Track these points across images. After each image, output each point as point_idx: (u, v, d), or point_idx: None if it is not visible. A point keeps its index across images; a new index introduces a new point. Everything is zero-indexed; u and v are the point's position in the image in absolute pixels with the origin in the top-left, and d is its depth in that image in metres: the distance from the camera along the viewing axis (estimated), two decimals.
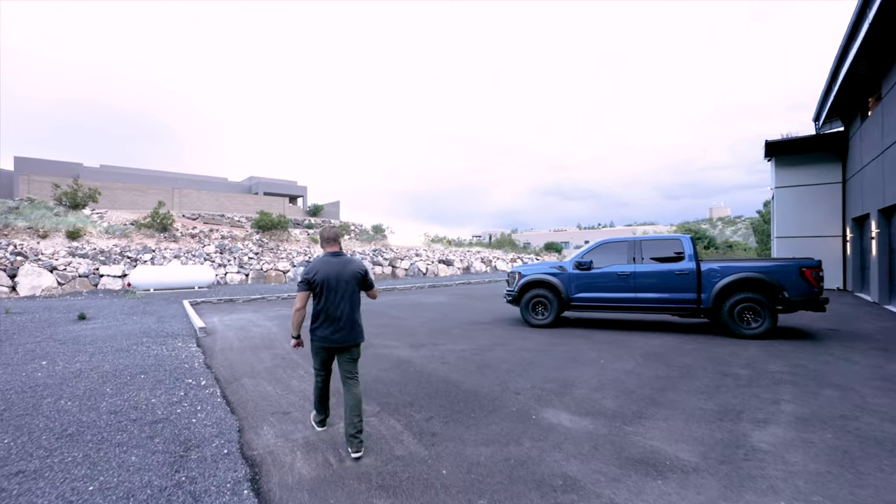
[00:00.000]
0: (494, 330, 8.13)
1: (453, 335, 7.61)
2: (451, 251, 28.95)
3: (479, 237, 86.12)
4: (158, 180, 34.03)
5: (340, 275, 3.27)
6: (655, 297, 7.38)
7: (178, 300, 13.33)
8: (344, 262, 3.34)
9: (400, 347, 6.63)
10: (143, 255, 16.47)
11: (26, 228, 15.30)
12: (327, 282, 3.22)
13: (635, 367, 5.29)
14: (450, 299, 13.80)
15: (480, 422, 3.63)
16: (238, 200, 33.19)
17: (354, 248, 24.25)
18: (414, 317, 10.00)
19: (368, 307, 11.83)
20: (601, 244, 8.26)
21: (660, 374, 5.00)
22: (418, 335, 7.64)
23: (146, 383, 4.70)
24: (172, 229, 19.42)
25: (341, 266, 3.30)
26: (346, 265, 3.33)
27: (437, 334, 7.72)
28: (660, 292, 7.33)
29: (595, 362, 5.57)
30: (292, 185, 41.57)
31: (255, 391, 4.59)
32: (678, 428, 3.43)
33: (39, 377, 4.89)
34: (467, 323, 8.99)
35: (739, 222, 56.05)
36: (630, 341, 6.81)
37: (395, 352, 6.33)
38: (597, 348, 6.37)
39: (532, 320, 8.31)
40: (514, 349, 6.41)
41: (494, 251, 33.14)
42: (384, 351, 6.38)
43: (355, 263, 3.41)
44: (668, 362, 5.53)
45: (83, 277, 14.42)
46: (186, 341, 7.13)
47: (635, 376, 4.91)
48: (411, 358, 5.94)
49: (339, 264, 3.31)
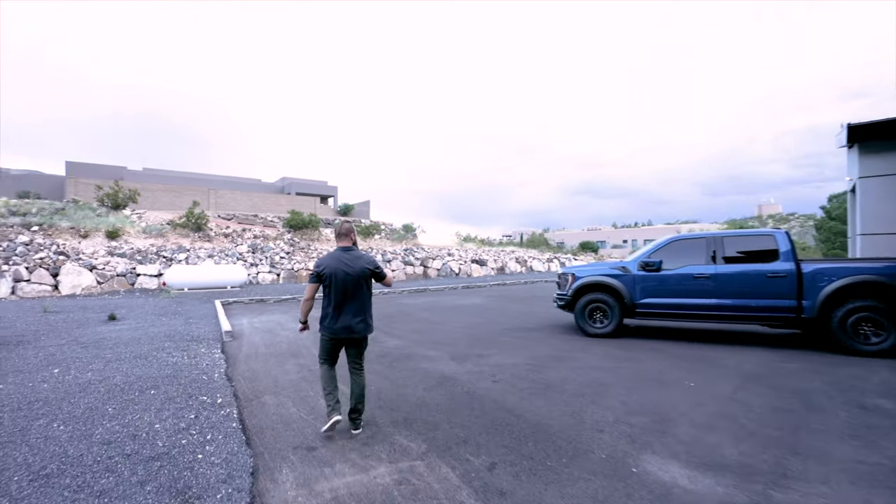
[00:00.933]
0: (545, 339, 7.19)
1: (500, 344, 6.73)
2: (484, 251, 28.00)
3: (510, 237, 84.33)
4: (195, 181, 34.72)
5: (349, 269, 3.32)
6: (742, 303, 6.24)
7: (210, 300, 13.07)
8: (354, 257, 3.39)
9: (441, 360, 5.81)
10: (178, 255, 16.41)
11: (69, 228, 15.50)
12: (335, 276, 3.29)
13: (737, 393, 4.25)
14: (486, 301, 12.91)
15: (562, 474, 2.73)
16: (271, 201, 33.39)
17: (385, 248, 23.70)
18: (451, 321, 9.17)
19: (400, 309, 11.12)
20: (671, 241, 7.16)
21: (774, 403, 3.95)
22: (459, 344, 6.80)
23: (154, 401, 4.06)
24: (206, 229, 19.41)
25: (351, 261, 3.36)
26: (355, 260, 3.38)
27: (480, 343, 6.86)
28: (748, 298, 6.19)
29: (682, 385, 4.56)
30: (323, 186, 41.67)
31: (277, 414, 3.87)
32: (851, 498, 2.43)
33: (44, 390, 4.35)
34: (512, 329, 8.08)
35: (793, 220, 52.20)
36: (715, 357, 5.72)
37: (436, 365, 5.51)
38: (677, 365, 5.33)
39: (589, 329, 7.31)
40: (577, 365, 5.46)
41: (529, 251, 31.90)
42: (424, 364, 5.57)
43: (365, 258, 3.45)
44: (776, 387, 4.45)
45: (121, 276, 14.41)
46: (211, 346, 6.58)
47: (744, 407, 3.88)
48: (456, 374, 5.10)
49: (349, 259, 3.36)
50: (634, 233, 67.60)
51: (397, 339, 7.20)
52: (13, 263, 12.82)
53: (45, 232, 14.94)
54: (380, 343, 6.89)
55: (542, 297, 13.86)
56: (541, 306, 11.56)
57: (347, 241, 3.49)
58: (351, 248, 3.46)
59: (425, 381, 4.85)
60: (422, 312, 10.55)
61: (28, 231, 14.60)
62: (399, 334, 7.70)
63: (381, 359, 5.86)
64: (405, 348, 6.54)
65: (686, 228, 47.71)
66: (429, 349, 6.45)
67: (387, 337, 7.41)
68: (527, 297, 14.22)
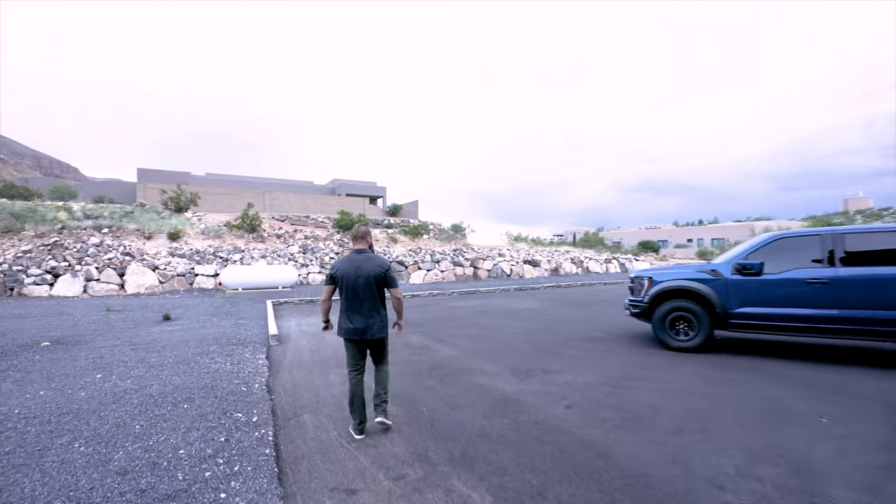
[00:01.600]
0: (618, 351, 6.30)
1: (566, 357, 5.94)
2: (536, 251, 26.89)
3: (561, 236, 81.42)
4: (252, 185, 36.12)
5: (360, 271, 3.35)
6: (871, 315, 5.07)
7: (262, 300, 13.13)
8: (365, 259, 3.41)
9: (500, 375, 5.12)
10: (233, 255, 16.79)
11: (135, 230, 16.29)
12: (346, 278, 3.35)
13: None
14: (543, 305, 12.03)
15: None
16: (322, 202, 34.05)
17: (434, 248, 23.27)
18: (507, 327, 8.44)
19: (450, 312, 10.51)
20: (775, 239, 6.02)
21: None
22: (520, 355, 6.08)
23: (185, 418, 3.68)
24: (260, 230, 19.84)
25: (362, 263, 3.38)
26: (366, 262, 3.39)
27: (543, 354, 6.10)
28: (884, 309, 5.01)
29: (813, 421, 3.60)
30: (372, 186, 42.10)
31: (316, 438, 3.36)
32: None
33: (79, 399, 4.12)
34: (577, 338, 7.23)
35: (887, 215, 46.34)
36: (840, 382, 4.62)
37: (495, 382, 4.83)
38: (795, 393, 4.32)
39: (670, 341, 6.33)
40: (665, 387, 4.58)
41: (585, 251, 30.34)
42: (481, 380, 4.91)
43: (377, 261, 3.45)
44: None
45: (180, 276, 14.88)
46: (256, 351, 6.29)
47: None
48: (520, 395, 4.40)
49: (361, 261, 3.39)
50: (700, 231, 62.96)
51: (450, 348, 6.59)
52: (85, 264, 13.53)
53: (114, 234, 15.78)
54: (431, 352, 6.32)
55: (603, 301, 12.78)
56: (604, 312, 10.56)
57: (362, 244, 3.52)
58: (365, 250, 3.49)
59: (484, 402, 4.19)
60: (474, 317, 9.90)
61: (99, 233, 15.48)
62: (452, 342, 7.09)
63: (433, 372, 5.26)
64: (459, 359, 5.91)
65: (760, 227, 43.65)
66: (486, 361, 5.78)
67: (439, 345, 6.83)
68: (586, 300, 13.18)
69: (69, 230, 15.06)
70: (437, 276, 19.94)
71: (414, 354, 6.25)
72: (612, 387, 4.61)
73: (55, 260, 13.26)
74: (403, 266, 19.23)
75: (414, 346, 6.76)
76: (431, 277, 19.72)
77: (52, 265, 13.00)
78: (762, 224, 48.11)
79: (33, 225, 14.61)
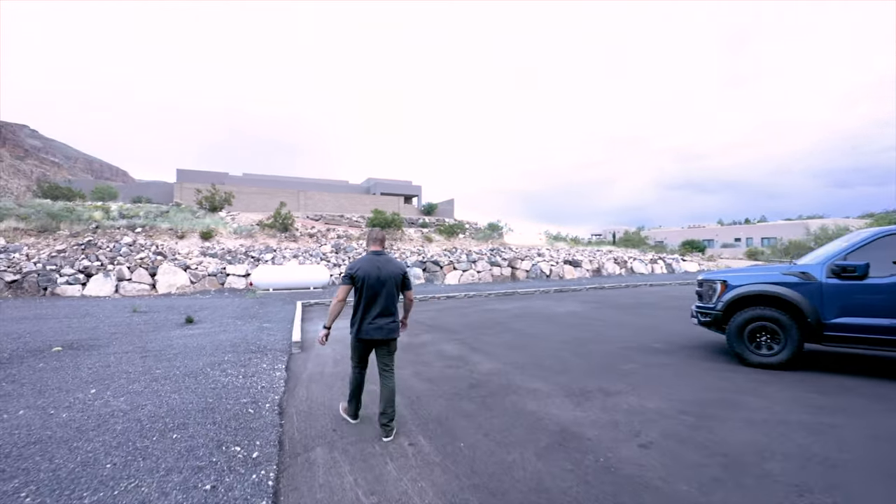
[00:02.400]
0: (686, 367, 5.30)
1: (626, 374, 4.99)
2: (577, 250, 25.54)
3: (599, 235, 78.57)
4: (286, 184, 36.39)
5: (381, 272, 3.35)
6: None
7: (292, 300, 12.72)
8: (385, 261, 3.43)
9: (552, 397, 4.24)
10: (265, 255, 16.52)
11: (168, 230, 16.30)
12: (368, 278, 3.32)
13: None
14: (587, 309, 10.98)
15: None
16: (356, 201, 33.84)
17: (470, 247, 22.41)
18: (552, 334, 7.50)
19: (488, 316, 9.64)
20: (883, 235, 4.86)
21: None
22: (571, 371, 5.17)
23: (170, 453, 3.00)
24: (292, 229, 19.58)
25: (382, 264, 3.39)
26: (387, 263, 3.42)
27: (599, 370, 5.17)
28: None
29: None
30: (407, 185, 41.64)
31: (327, 486, 2.66)
32: None
33: (58, 423, 3.53)
34: (633, 349, 6.24)
35: None
36: None
37: (547, 407, 3.96)
38: None
39: (751, 356, 5.27)
40: (759, 417, 3.63)
41: (629, 250, 28.66)
42: (530, 404, 4.05)
43: (396, 263, 3.50)
44: None
45: (212, 276, 14.69)
46: (275, 360, 5.67)
47: None
48: (579, 425, 3.52)
49: (382, 262, 3.41)
50: (748, 230, 59.03)
51: (490, 360, 5.74)
52: (117, 263, 13.51)
53: (147, 233, 15.82)
54: (469, 365, 5.49)
55: (650, 305, 11.58)
56: (655, 316, 9.43)
57: (379, 246, 3.54)
58: (382, 252, 3.52)
59: (537, 436, 3.34)
60: (514, 321, 9.01)
61: (132, 232, 15.54)
62: (490, 351, 6.24)
63: (472, 392, 4.44)
64: (501, 374, 5.07)
65: (816, 225, 40.29)
66: (532, 377, 4.91)
67: (476, 355, 6.00)
68: (633, 304, 11.99)
69: (103, 230, 15.18)
70: (474, 277, 19.08)
71: (449, 367, 5.44)
72: (694, 416, 3.67)
73: (88, 260, 13.30)
74: (439, 266, 18.48)
75: (448, 357, 5.95)
76: (467, 278, 18.88)
77: (85, 265, 13.03)
78: (817, 222, 44.35)
79: (68, 224, 14.79)
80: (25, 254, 12.99)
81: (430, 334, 7.76)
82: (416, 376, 5.03)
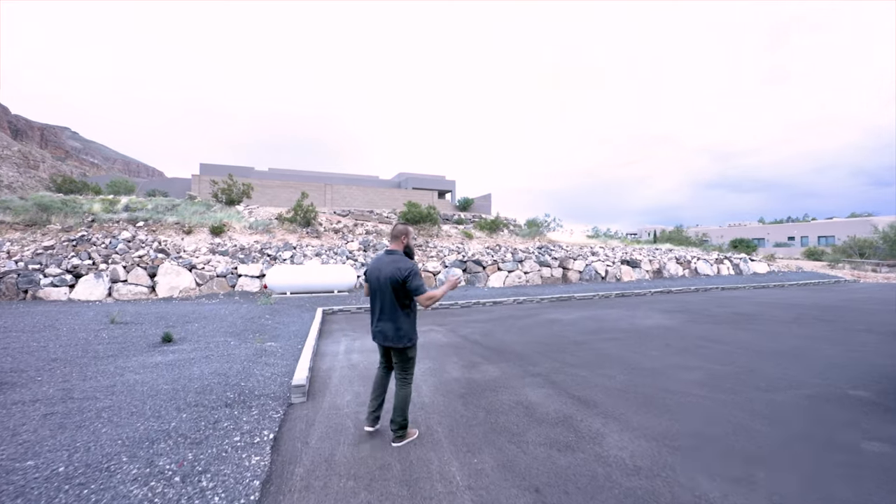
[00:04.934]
0: None
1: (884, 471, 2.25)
2: (635, 249, 22.41)
3: (635, 234, 74.11)
4: (313, 178, 34.48)
5: (380, 273, 3.13)
6: None
7: (312, 307, 10.46)
8: (388, 262, 3.14)
9: None
10: (283, 253, 14.33)
11: (174, 224, 14.28)
12: (370, 279, 3.20)
13: None
14: (676, 322, 8.25)
15: None
16: (387, 195, 31.57)
17: (516, 245, 19.70)
18: (667, 366, 4.83)
19: (555, 330, 6.95)
20: None
21: None
22: (783, 463, 2.46)
23: None
24: (315, 224, 17.34)
25: (384, 265, 3.14)
26: (388, 264, 3.11)
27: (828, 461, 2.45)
28: None
29: None
30: (440, 180, 39.03)
31: None
32: None
33: None
34: (833, 402, 3.45)
35: None
36: None
37: None
38: None
39: None
40: None
41: (690, 249, 25.20)
42: None
43: (397, 265, 3.09)
44: None
45: (221, 277, 12.57)
46: (258, 425, 3.31)
47: None
48: None
49: (384, 263, 3.15)
50: (804, 228, 53.58)
51: (623, 430, 3.10)
52: (112, 262, 11.52)
53: (150, 228, 13.82)
54: (586, 439, 2.95)
55: (753, 317, 8.57)
56: (780, 334, 6.51)
57: (397, 245, 3.24)
58: (395, 251, 3.20)
59: None
60: (596, 340, 6.40)
61: (133, 227, 13.58)
62: (607, 405, 3.69)
63: None
64: (665, 471, 2.45)
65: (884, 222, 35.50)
66: (706, 478, 2.25)
67: (591, 415, 3.39)
68: (730, 315, 9.03)
69: (100, 224, 13.24)
70: (521, 279, 16.38)
71: (557, 448, 2.95)
72: None
73: (78, 258, 11.34)
74: (481, 266, 15.87)
75: (545, 421, 3.43)
76: (513, 280, 16.20)
77: (75, 263, 11.05)
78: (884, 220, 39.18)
79: (61, 217, 12.91)
80: (6, 250, 11.13)
81: (495, 365, 5.28)
82: (510, 478, 2.46)
